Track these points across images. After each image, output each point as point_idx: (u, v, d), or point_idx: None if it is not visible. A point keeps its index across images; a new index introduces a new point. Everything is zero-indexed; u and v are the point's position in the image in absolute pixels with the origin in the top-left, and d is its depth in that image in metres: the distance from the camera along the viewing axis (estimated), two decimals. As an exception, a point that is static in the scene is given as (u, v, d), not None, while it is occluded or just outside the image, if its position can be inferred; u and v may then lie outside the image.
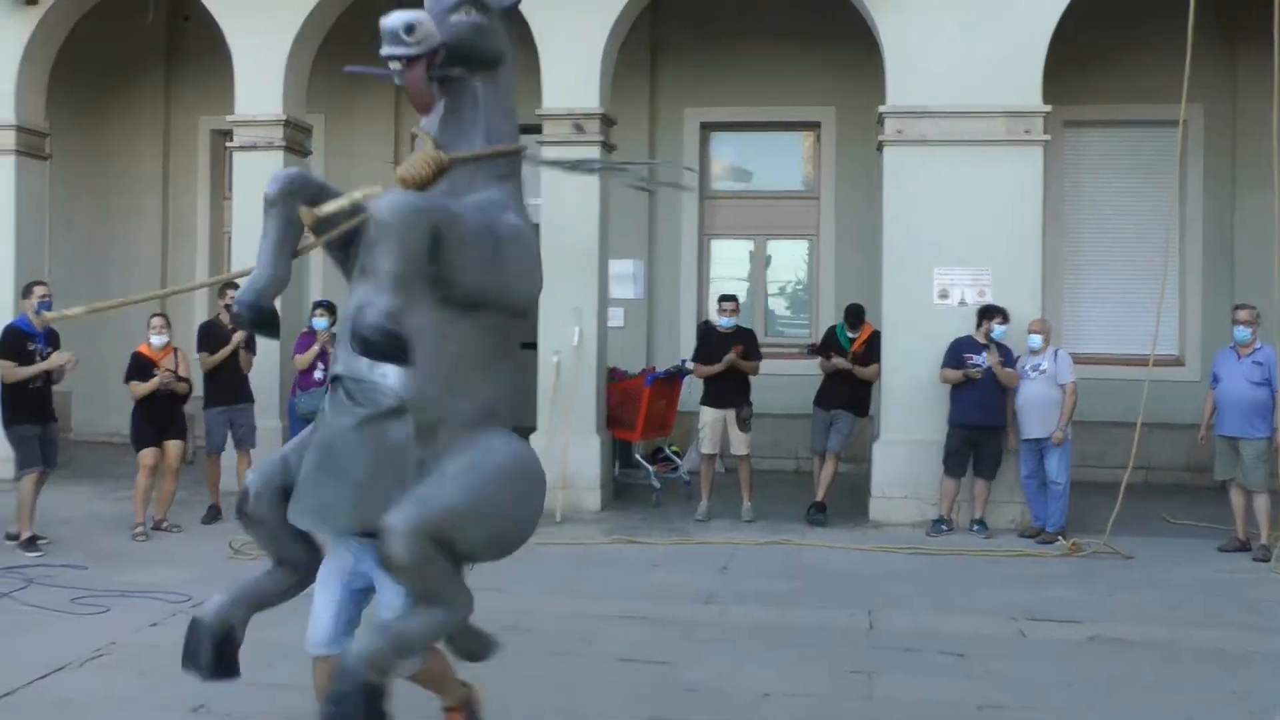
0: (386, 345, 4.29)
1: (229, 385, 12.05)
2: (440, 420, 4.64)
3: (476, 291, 4.66)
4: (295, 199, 4.91)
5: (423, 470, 4.57)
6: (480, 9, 4.88)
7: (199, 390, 12.21)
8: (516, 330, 5.11)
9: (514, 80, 5.18)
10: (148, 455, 11.15)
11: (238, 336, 11.91)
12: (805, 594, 9.28)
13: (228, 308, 12.07)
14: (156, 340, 11.25)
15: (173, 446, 11.34)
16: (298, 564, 5.12)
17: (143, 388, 11.11)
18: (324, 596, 5.05)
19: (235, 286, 11.93)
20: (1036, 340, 11.37)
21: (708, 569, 10.01)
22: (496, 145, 4.96)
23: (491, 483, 4.68)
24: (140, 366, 11.25)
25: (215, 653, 5.05)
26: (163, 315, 11.57)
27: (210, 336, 12.10)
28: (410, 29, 4.61)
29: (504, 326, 4.93)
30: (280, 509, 4.84)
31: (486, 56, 4.96)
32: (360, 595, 5.05)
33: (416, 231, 4.38)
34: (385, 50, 4.70)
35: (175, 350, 11.45)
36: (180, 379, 11.33)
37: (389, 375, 4.55)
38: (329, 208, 4.85)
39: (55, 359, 10.53)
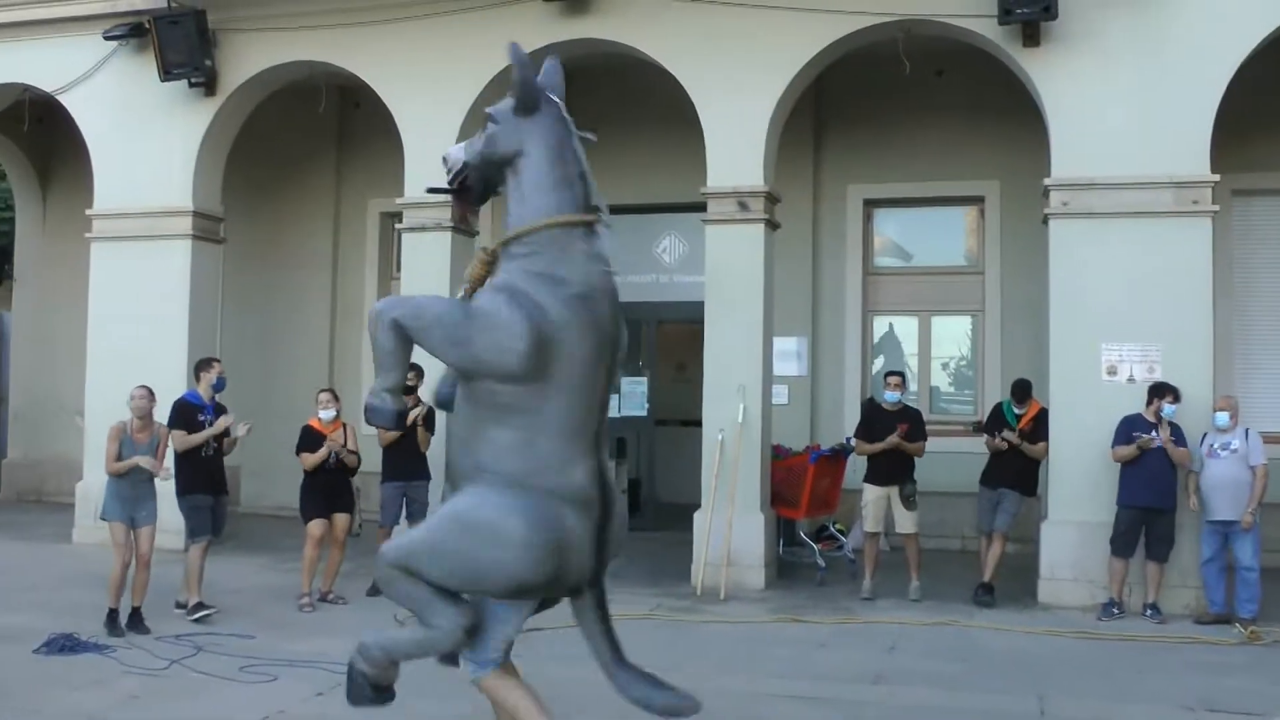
0: (372, 416, 5.73)
1: (406, 461, 12.26)
2: (456, 474, 5.76)
3: (455, 365, 5.70)
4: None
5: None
6: (491, 119, 5.88)
7: (375, 465, 12.44)
8: (530, 395, 5.56)
9: (552, 160, 5.91)
10: (315, 527, 11.38)
11: (415, 412, 12.14)
12: (974, 677, 9.08)
13: (406, 388, 12.30)
14: (325, 415, 11.51)
15: (340, 519, 11.57)
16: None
17: (313, 458, 11.37)
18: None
19: (414, 366, 12.27)
20: (1224, 418, 11.04)
21: (874, 649, 9.87)
22: (507, 233, 5.75)
23: (447, 529, 5.61)
24: (310, 439, 11.52)
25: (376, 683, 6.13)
26: (330, 391, 11.89)
27: None
28: (443, 160, 5.86)
29: (493, 391, 5.57)
30: None
31: (500, 159, 5.86)
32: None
33: (379, 327, 5.59)
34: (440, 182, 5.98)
35: (345, 425, 11.68)
36: (350, 452, 11.56)
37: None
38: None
39: (223, 421, 10.80)
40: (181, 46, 14.25)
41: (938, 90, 15.49)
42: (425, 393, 12.42)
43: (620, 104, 16.60)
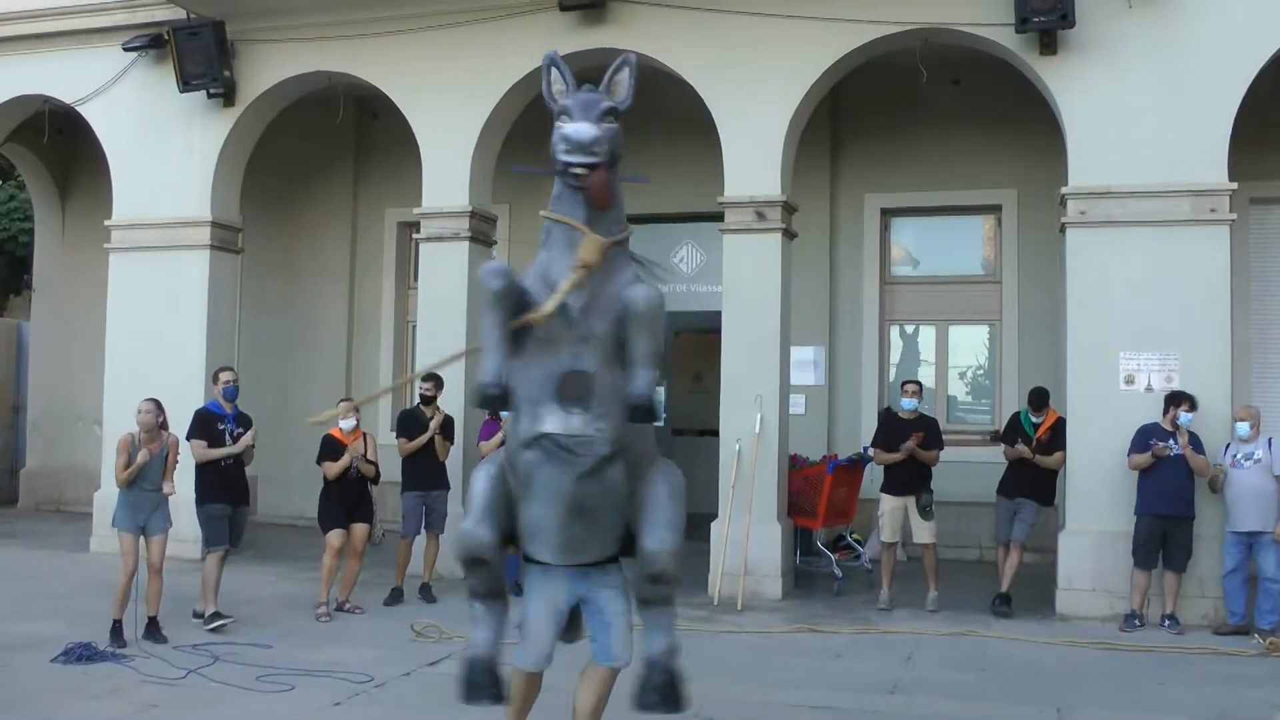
0: (651, 410, 5.59)
1: (426, 471, 12.31)
2: (639, 458, 5.85)
3: (655, 350, 5.65)
4: (515, 293, 5.72)
5: (635, 496, 5.85)
6: (616, 116, 5.80)
7: (395, 475, 12.47)
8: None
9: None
10: (335, 537, 11.40)
11: (434, 424, 12.18)
12: (992, 687, 9.06)
13: (424, 398, 12.36)
14: (345, 425, 11.52)
15: (359, 529, 11.59)
16: (504, 594, 6.14)
17: (335, 467, 11.40)
18: (546, 622, 6.04)
19: (432, 376, 12.31)
20: (1244, 428, 10.99)
21: (891, 659, 9.85)
22: (627, 230, 5.96)
23: (682, 500, 6.02)
24: (331, 448, 11.52)
25: (496, 679, 6.00)
26: (349, 400, 11.90)
27: (408, 423, 12.37)
28: (597, 141, 5.59)
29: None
30: (500, 553, 5.99)
31: (619, 158, 5.82)
32: (561, 616, 6.10)
33: (661, 320, 5.66)
34: (574, 159, 5.62)
35: (365, 435, 11.71)
36: (369, 462, 11.58)
37: (605, 430, 5.54)
38: (550, 307, 5.55)
39: (243, 442, 10.86)
40: (200, 58, 14.31)
41: (955, 99, 15.47)
42: (443, 403, 12.50)
43: (637, 114, 16.51)
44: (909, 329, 16.54)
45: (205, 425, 10.90)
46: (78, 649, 9.38)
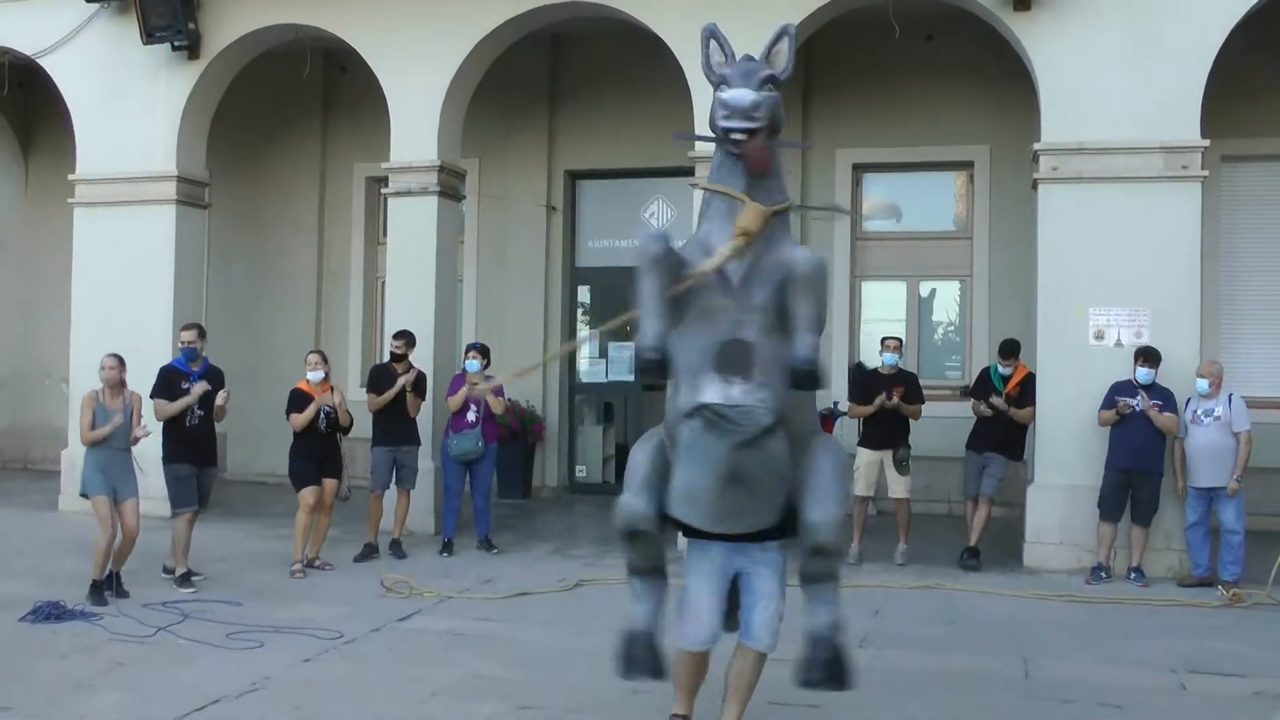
0: (816, 375, 5.43)
1: (396, 426, 12.28)
2: (801, 430, 5.78)
3: (815, 319, 5.53)
4: (671, 258, 5.65)
5: (798, 468, 5.73)
6: (776, 85, 5.74)
7: (365, 431, 12.43)
8: None
9: None
10: (309, 494, 11.32)
11: (404, 379, 12.14)
12: (959, 640, 9.10)
13: (394, 355, 12.31)
14: (313, 376, 11.43)
15: (330, 484, 11.52)
16: (664, 570, 6.11)
17: (301, 417, 11.28)
18: (709, 598, 5.93)
19: (399, 335, 12.23)
20: (1204, 385, 11.04)
21: (860, 612, 9.83)
22: (789, 199, 5.91)
23: (847, 476, 6.17)
24: (299, 400, 11.42)
25: (655, 656, 5.99)
26: (319, 352, 11.79)
27: (379, 379, 12.32)
28: (756, 106, 5.52)
29: None
30: (658, 526, 5.89)
31: (781, 126, 5.78)
32: (723, 591, 5.98)
33: (826, 281, 5.59)
34: (734, 124, 5.55)
35: (332, 387, 11.61)
36: (344, 412, 11.52)
37: (766, 400, 5.35)
38: (709, 267, 5.55)
39: (197, 389, 10.64)
40: (164, 9, 14.10)
41: (927, 54, 15.44)
42: (414, 358, 12.45)
43: (608, 68, 16.58)
44: (881, 284, 16.53)
45: (169, 383, 10.75)
46: (46, 608, 9.31)
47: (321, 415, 11.35)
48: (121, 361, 10.13)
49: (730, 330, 5.52)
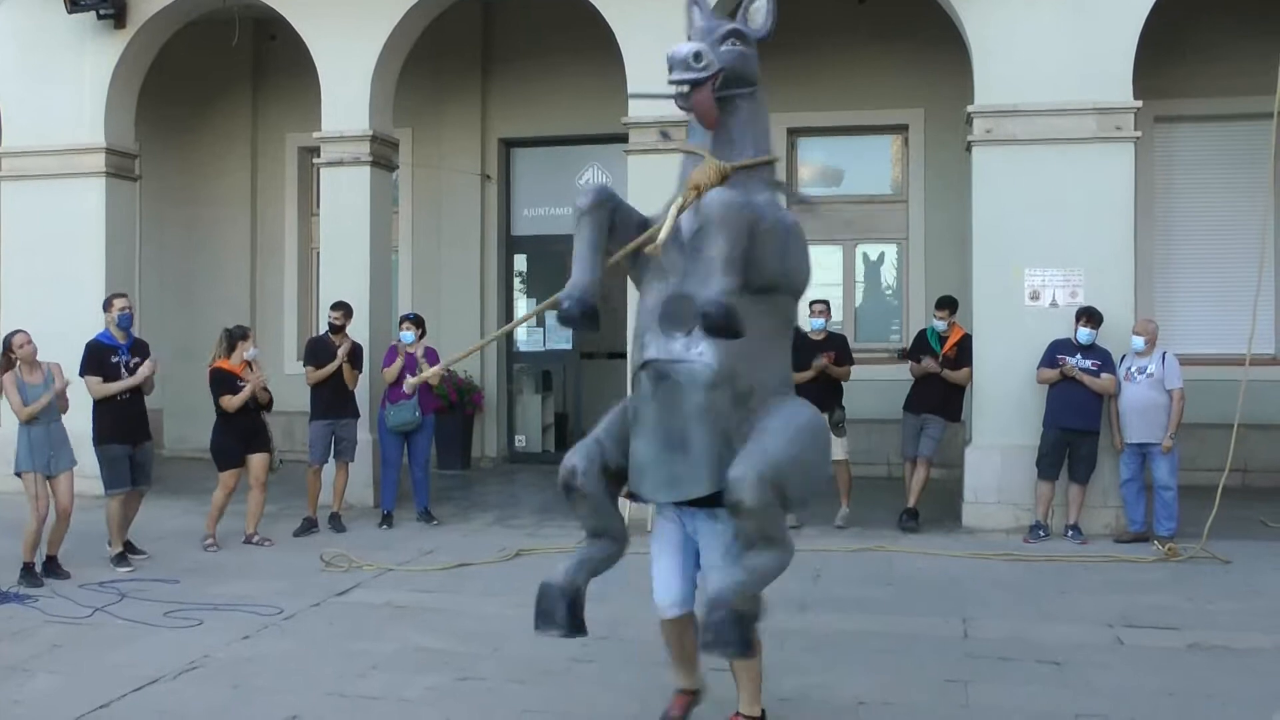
0: (726, 319, 5.00)
1: (334, 399, 12.22)
2: (751, 389, 5.43)
3: (772, 276, 5.46)
4: (605, 209, 5.58)
5: (742, 432, 5.36)
6: (743, 40, 5.66)
7: (303, 405, 12.33)
8: (795, 313, 6.01)
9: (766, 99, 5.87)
10: (230, 477, 11.25)
11: (342, 351, 12.06)
12: (899, 601, 9.16)
13: (333, 326, 12.21)
14: (253, 353, 11.30)
15: (258, 460, 11.40)
16: (616, 534, 5.88)
17: (236, 400, 11.10)
18: (668, 563, 5.87)
19: (338, 306, 12.17)
20: (1139, 342, 11.16)
21: (800, 576, 9.85)
22: (764, 155, 5.75)
23: (805, 438, 5.50)
24: (225, 381, 11.21)
25: (569, 612, 5.66)
26: (244, 327, 11.63)
27: (317, 351, 12.22)
28: (697, 57, 5.41)
29: (787, 307, 5.80)
30: (603, 484, 5.68)
31: (750, 80, 5.70)
32: (695, 558, 5.79)
33: (741, 221, 5.18)
34: (675, 75, 5.45)
35: (250, 363, 11.40)
36: (263, 389, 11.37)
37: (705, 354, 5.31)
38: (664, 235, 5.33)
39: (141, 373, 10.53)
40: (89, -24, 13.89)
41: (860, 18, 15.47)
42: (352, 331, 12.36)
43: (541, 34, 16.48)
44: (817, 249, 16.53)
45: (98, 359, 10.54)
46: (-21, 590, 9.21)
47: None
48: (30, 337, 9.92)
49: (676, 285, 5.45)
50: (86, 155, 14.44)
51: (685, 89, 5.48)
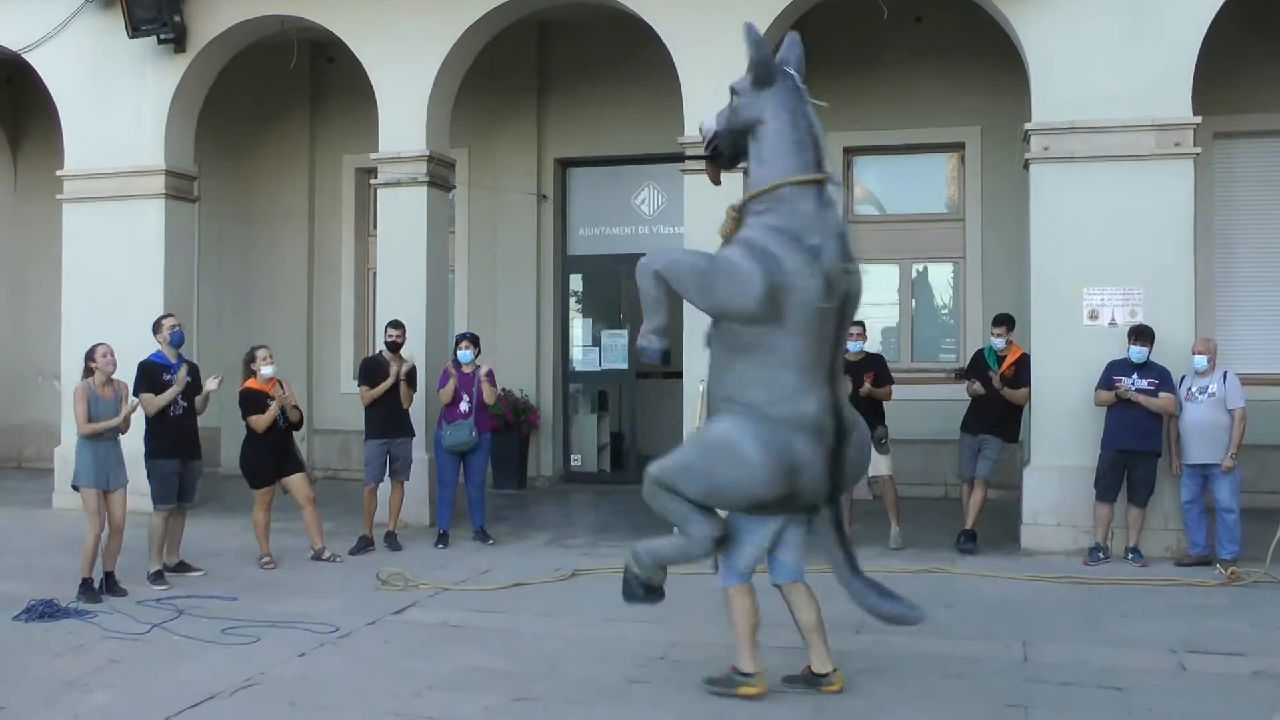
0: (642, 354, 6.97)
1: (390, 419, 12.26)
2: (711, 403, 6.97)
3: (703, 309, 6.89)
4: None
5: None
6: (732, 93, 7.13)
7: (359, 424, 12.37)
8: (768, 335, 6.64)
9: (787, 127, 6.88)
10: (264, 495, 11.31)
11: (403, 370, 12.10)
12: (958, 624, 9.06)
13: (391, 345, 12.25)
14: (267, 371, 11.32)
15: (297, 480, 11.43)
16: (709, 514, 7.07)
17: (263, 419, 11.12)
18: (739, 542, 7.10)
19: (396, 325, 12.25)
20: (1201, 361, 11.01)
21: (857, 598, 9.84)
22: (748, 192, 6.87)
23: (699, 450, 6.83)
24: (253, 401, 11.22)
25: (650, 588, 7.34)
26: (267, 347, 11.64)
27: (372, 371, 12.27)
28: (699, 130, 7.27)
29: (744, 332, 6.69)
30: None
31: (743, 127, 7.01)
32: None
33: (644, 277, 6.88)
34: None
35: (280, 380, 11.42)
36: (293, 407, 11.40)
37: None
38: None
39: (182, 374, 10.66)
40: (149, 2, 14.04)
41: (917, 36, 15.40)
42: (407, 350, 12.41)
43: (599, 55, 16.53)
44: (873, 268, 16.46)
45: (151, 378, 10.67)
46: (40, 606, 9.27)
47: (279, 412, 11.27)
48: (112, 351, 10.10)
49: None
50: (146, 178, 14.62)
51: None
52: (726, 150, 7.14)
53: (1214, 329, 13.49)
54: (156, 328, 11.06)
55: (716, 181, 7.07)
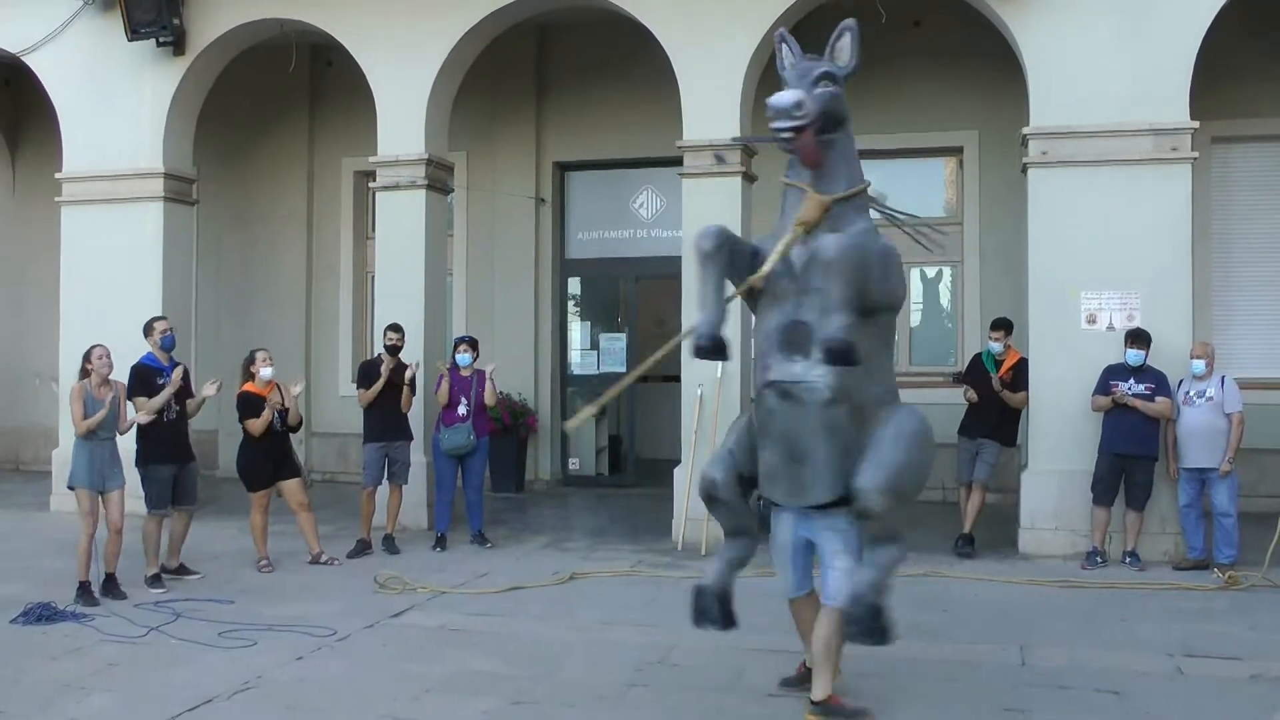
0: (847, 351, 5.95)
1: (388, 422, 12.26)
2: (864, 403, 6.31)
3: (876, 301, 6.34)
4: (725, 250, 6.43)
5: (860, 442, 6.26)
6: (833, 81, 6.57)
7: (357, 427, 12.36)
8: (894, 326, 6.87)
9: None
10: (261, 498, 11.31)
11: (387, 366, 12.08)
12: (956, 628, 9.07)
13: (388, 348, 12.25)
14: (267, 373, 11.30)
15: (292, 485, 11.44)
16: (751, 532, 6.82)
17: (258, 423, 11.13)
18: (788, 556, 6.74)
19: (395, 328, 12.24)
20: (1199, 366, 11.01)
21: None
22: (857, 186, 6.73)
23: (915, 444, 6.40)
24: (250, 405, 11.23)
25: (722, 609, 6.74)
26: (266, 350, 11.63)
27: (369, 374, 12.27)
28: (799, 105, 6.27)
29: (888, 324, 6.69)
30: (737, 490, 6.66)
31: (842, 118, 6.62)
32: (806, 549, 6.68)
33: (854, 265, 6.07)
34: (778, 124, 6.30)
35: (277, 385, 11.43)
36: (286, 409, 11.37)
37: (824, 375, 6.16)
38: (767, 269, 6.35)
39: (177, 376, 10.66)
40: (148, 5, 14.02)
41: (915, 40, 15.40)
42: (407, 355, 12.41)
43: (598, 59, 16.53)
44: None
45: (145, 381, 10.66)
46: (37, 609, 9.27)
47: (275, 415, 11.26)
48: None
49: (792, 312, 6.33)
50: (145, 180, 14.61)
51: (789, 135, 6.30)
52: (817, 134, 6.46)
53: (1212, 333, 13.51)
54: (148, 330, 11.02)
55: (818, 165, 6.47)
